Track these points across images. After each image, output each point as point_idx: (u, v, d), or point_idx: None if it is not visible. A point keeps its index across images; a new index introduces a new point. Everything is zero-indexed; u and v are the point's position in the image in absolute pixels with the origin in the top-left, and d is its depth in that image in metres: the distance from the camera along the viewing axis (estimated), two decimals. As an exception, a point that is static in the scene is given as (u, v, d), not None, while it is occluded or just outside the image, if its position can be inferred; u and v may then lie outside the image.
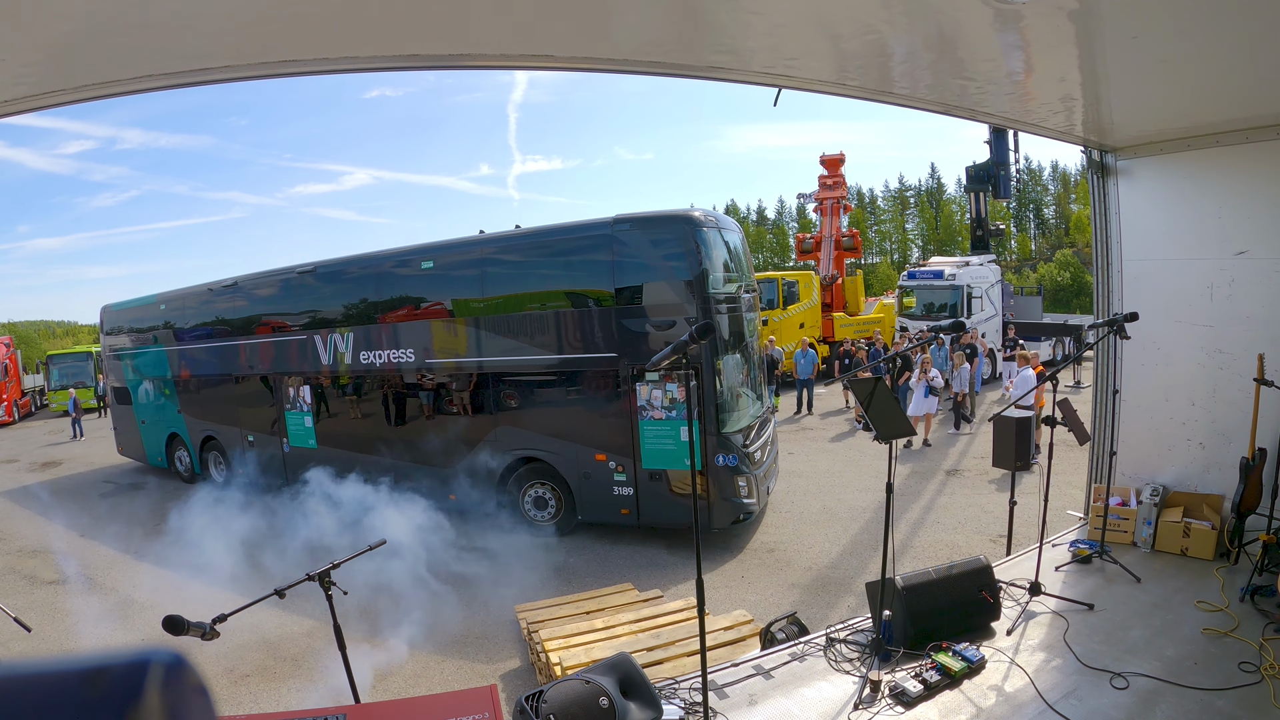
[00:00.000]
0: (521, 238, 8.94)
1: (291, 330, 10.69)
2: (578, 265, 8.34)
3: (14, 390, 26.16)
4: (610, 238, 7.96)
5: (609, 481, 8.19)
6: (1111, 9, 3.02)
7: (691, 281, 7.62)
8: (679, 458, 7.80)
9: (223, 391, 11.91)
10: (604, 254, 8.01)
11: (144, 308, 13.43)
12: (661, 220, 7.98)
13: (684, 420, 7.72)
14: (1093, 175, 5.87)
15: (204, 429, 12.34)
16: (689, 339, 3.01)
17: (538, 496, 8.80)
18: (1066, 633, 4.18)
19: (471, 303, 8.97)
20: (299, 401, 10.68)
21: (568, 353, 8.34)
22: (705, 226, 7.81)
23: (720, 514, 7.79)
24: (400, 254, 9.70)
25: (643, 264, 7.88)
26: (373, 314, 9.85)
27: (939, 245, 57.24)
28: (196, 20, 2.63)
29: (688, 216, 7.85)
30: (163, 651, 0.46)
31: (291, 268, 10.76)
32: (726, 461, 7.73)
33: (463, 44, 3.26)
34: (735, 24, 3.19)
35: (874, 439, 3.88)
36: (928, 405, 12.05)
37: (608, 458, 8.17)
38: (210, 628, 2.70)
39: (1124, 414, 5.92)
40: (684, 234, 7.68)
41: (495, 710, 2.73)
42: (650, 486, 8.01)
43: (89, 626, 6.89)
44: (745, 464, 7.83)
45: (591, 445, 8.28)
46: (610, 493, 8.19)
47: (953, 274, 19.55)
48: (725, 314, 7.89)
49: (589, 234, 8.27)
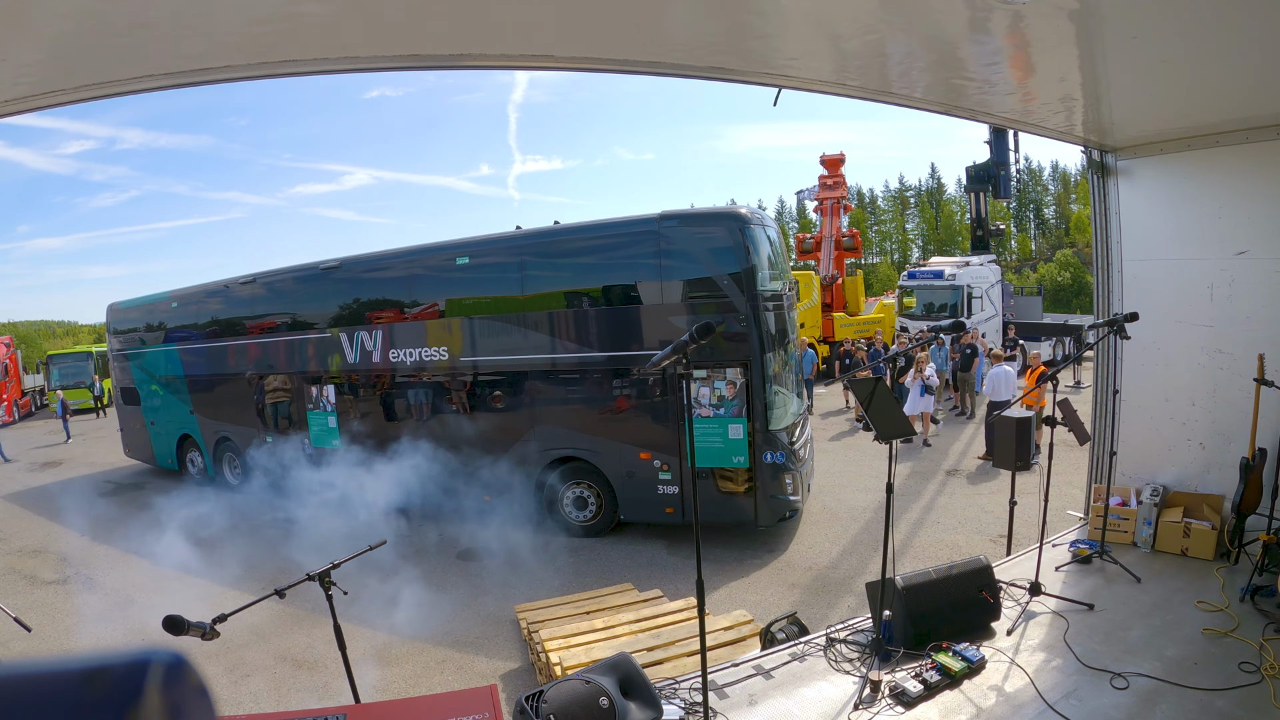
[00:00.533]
0: (563, 233, 8.87)
1: (315, 328, 10.47)
2: (622, 262, 8.28)
3: (14, 390, 26.16)
4: (656, 234, 7.94)
5: (653, 480, 8.14)
6: (1111, 9, 3.02)
7: (741, 278, 7.61)
8: (727, 455, 7.79)
9: (239, 391, 11.58)
10: (650, 251, 7.98)
11: (154, 306, 13.13)
12: (710, 217, 8.01)
13: (732, 418, 7.73)
14: (1093, 175, 5.87)
15: (219, 430, 12.02)
16: (689, 339, 3.01)
17: (577, 496, 8.72)
18: (1066, 633, 4.18)
19: (510, 299, 8.85)
20: (322, 401, 10.45)
21: (612, 350, 8.29)
22: (753, 223, 7.84)
23: (767, 511, 7.79)
24: (434, 249, 9.55)
25: (691, 261, 7.85)
26: (404, 311, 9.65)
27: (939, 245, 57.23)
28: (196, 20, 2.63)
29: (736, 213, 7.88)
30: (163, 651, 0.46)
31: (315, 264, 10.51)
32: (774, 459, 7.71)
33: (463, 44, 3.26)
34: (736, 26, 3.19)
35: (874, 439, 3.88)
36: (923, 404, 12.06)
37: (653, 456, 8.12)
38: (210, 628, 2.70)
39: (1124, 414, 5.92)
40: (733, 231, 7.68)
41: (495, 710, 2.74)
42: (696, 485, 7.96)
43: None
44: (791, 461, 7.83)
45: (636, 444, 8.23)
46: (654, 492, 8.14)
47: (953, 274, 19.56)
48: (772, 311, 7.88)
49: (634, 230, 8.23)
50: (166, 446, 13.24)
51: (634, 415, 8.29)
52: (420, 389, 9.69)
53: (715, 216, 7.97)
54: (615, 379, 8.34)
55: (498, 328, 8.96)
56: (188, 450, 12.89)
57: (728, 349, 7.66)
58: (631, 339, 8.15)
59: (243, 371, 11.50)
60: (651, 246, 7.96)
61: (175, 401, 12.79)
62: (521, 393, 8.93)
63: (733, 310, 7.63)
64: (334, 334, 10.18)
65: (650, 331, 8.02)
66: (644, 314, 8.07)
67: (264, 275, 11.30)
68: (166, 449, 13.26)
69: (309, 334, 10.56)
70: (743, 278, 7.61)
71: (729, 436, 7.75)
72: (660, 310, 7.96)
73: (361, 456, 9.56)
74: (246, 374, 11.46)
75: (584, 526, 8.70)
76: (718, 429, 7.78)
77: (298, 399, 10.80)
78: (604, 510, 8.64)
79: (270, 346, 11.10)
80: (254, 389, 11.41)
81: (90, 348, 30.63)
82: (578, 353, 8.46)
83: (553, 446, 8.73)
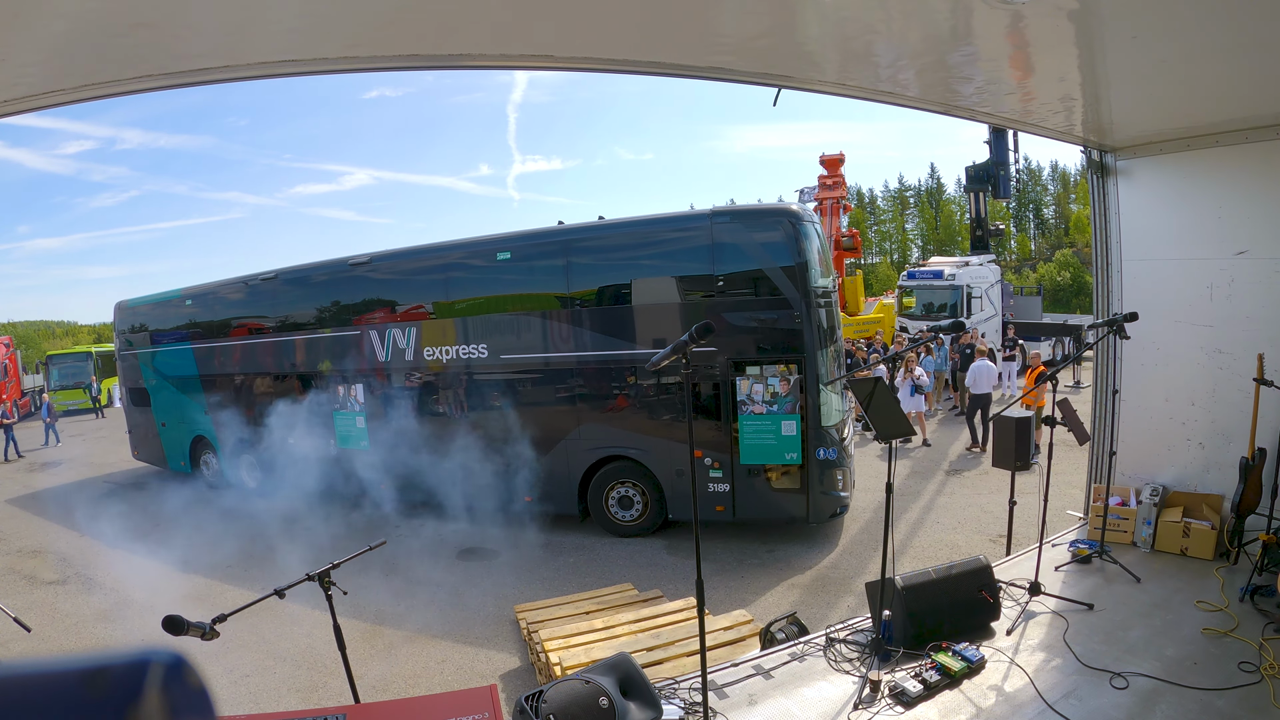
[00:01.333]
0: (610, 229, 8.84)
1: (342, 326, 10.20)
2: (672, 258, 8.24)
3: (14, 390, 26.13)
4: (709, 231, 7.92)
5: (704, 479, 8.11)
6: (1111, 9, 3.02)
7: (795, 275, 7.62)
8: (779, 453, 7.78)
9: (259, 391, 11.18)
10: (701, 247, 7.96)
11: (166, 304, 12.74)
12: (764, 213, 8.05)
13: (785, 414, 7.72)
14: (1093, 175, 5.88)
15: (236, 431, 11.43)
16: (689, 339, 3.01)
17: (623, 496, 8.64)
18: (1066, 633, 4.18)
19: (555, 296, 8.73)
20: (349, 401, 10.17)
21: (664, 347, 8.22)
22: (805, 220, 7.87)
23: (819, 508, 7.79)
24: (472, 245, 9.44)
25: (744, 257, 7.83)
26: (440, 308, 9.46)
27: (939, 245, 57.21)
28: (196, 20, 2.63)
29: (791, 211, 7.92)
30: (163, 651, 0.46)
31: (343, 259, 10.27)
32: (826, 455, 7.71)
33: (463, 44, 3.26)
34: (734, 21, 3.19)
35: (874, 439, 3.88)
36: (913, 404, 12.10)
37: (704, 454, 8.08)
38: (210, 628, 2.70)
39: (1124, 414, 5.92)
40: (787, 228, 7.69)
41: (495, 710, 2.74)
42: (747, 482, 7.97)
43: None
44: (842, 457, 7.83)
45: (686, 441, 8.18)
46: (705, 490, 8.11)
47: (952, 274, 19.56)
48: (823, 307, 7.90)
49: (685, 227, 8.21)
50: (179, 448, 12.86)
51: (684, 412, 8.23)
52: (456, 388, 9.46)
53: (770, 213, 8.01)
54: (665, 376, 8.25)
55: (540, 324, 8.84)
56: (202, 452, 12.50)
57: (782, 345, 7.69)
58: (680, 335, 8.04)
59: (263, 370, 11.14)
60: (703, 243, 7.93)
61: (189, 402, 12.37)
62: (565, 391, 8.80)
63: (786, 307, 7.64)
64: (364, 331, 9.94)
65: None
66: (696, 310, 8.01)
67: (286, 271, 10.98)
68: (179, 451, 12.89)
69: (335, 331, 10.28)
70: (796, 274, 7.62)
71: (782, 433, 7.74)
72: (711, 307, 7.90)
73: (391, 458, 9.28)
74: (267, 373, 11.11)
75: (629, 526, 8.62)
76: (770, 426, 7.76)
77: (323, 399, 10.49)
78: (650, 510, 8.57)
79: (293, 345, 10.75)
80: (275, 389, 11.06)
81: (90, 348, 30.60)
82: (626, 349, 8.37)
83: (598, 445, 8.63)
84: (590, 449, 8.66)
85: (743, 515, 8.09)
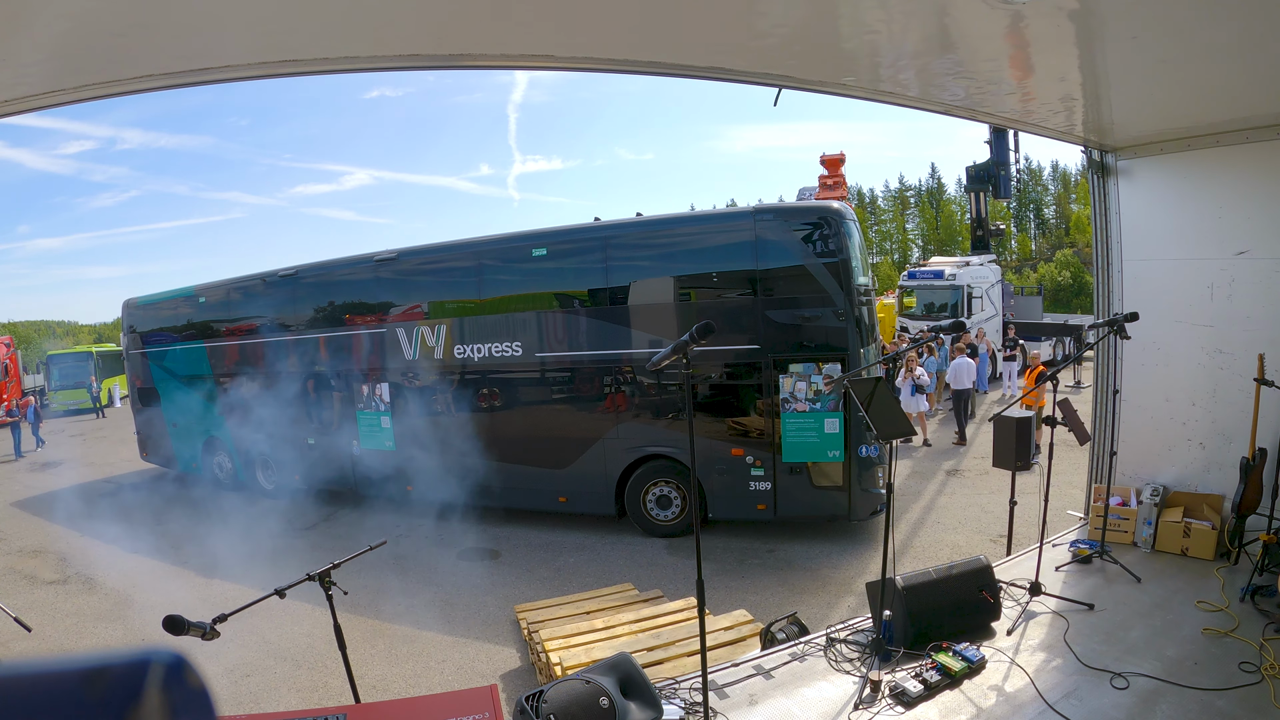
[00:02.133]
0: (651, 225, 8.80)
1: (366, 323, 9.99)
2: (715, 256, 8.21)
3: (14, 390, 26.12)
4: (752, 229, 7.90)
5: (745, 477, 8.07)
6: (1111, 9, 3.02)
7: (839, 273, 7.63)
8: (822, 450, 7.77)
9: (275, 391, 10.71)
10: (744, 245, 7.93)
11: (178, 301, 12.47)
12: (808, 212, 8.09)
13: (828, 412, 7.72)
14: (1093, 175, 5.87)
15: (251, 431, 10.94)
16: (689, 339, 3.01)
17: (661, 495, 8.56)
18: (1066, 633, 4.18)
19: (593, 292, 8.67)
20: (374, 400, 9.97)
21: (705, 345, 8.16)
22: (848, 219, 7.88)
23: (861, 505, 7.79)
24: (505, 241, 9.36)
25: (787, 256, 7.82)
26: (472, 305, 9.27)
27: (939, 245, 57.21)
28: (196, 20, 2.63)
29: (835, 209, 7.94)
30: (163, 651, 0.46)
31: (368, 255, 10.09)
32: (868, 452, 7.72)
33: (463, 44, 3.26)
34: (737, 24, 3.19)
35: (874, 439, 3.88)
36: (914, 404, 12.13)
37: (745, 452, 8.07)
38: (210, 628, 2.70)
39: (1124, 414, 5.92)
40: (833, 226, 7.70)
41: (495, 710, 2.73)
42: (789, 480, 7.96)
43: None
44: (883, 455, 7.82)
45: (727, 440, 8.16)
46: (746, 488, 8.08)
47: (953, 274, 19.55)
48: (865, 305, 7.92)
49: (728, 224, 8.21)
50: (190, 449, 12.52)
51: (726, 411, 8.22)
52: (487, 387, 9.26)
53: (814, 211, 8.04)
54: (706, 374, 8.22)
55: (577, 321, 8.78)
56: (214, 453, 12.19)
57: (825, 343, 7.70)
58: (726, 334, 7.98)
59: (281, 370, 10.83)
60: (746, 240, 7.91)
61: (202, 402, 12.03)
62: (602, 389, 8.71)
63: (830, 304, 7.65)
64: (389, 329, 9.75)
65: (746, 326, 7.93)
66: (739, 308, 7.98)
67: (307, 268, 10.77)
68: (190, 452, 12.49)
69: (359, 329, 10.08)
70: (840, 271, 7.63)
71: (824, 431, 7.72)
72: (754, 305, 7.90)
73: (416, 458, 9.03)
74: (285, 372, 10.79)
75: (667, 526, 8.55)
76: (813, 423, 7.75)
77: (345, 398, 10.29)
78: (687, 509, 8.51)
79: (314, 343, 10.50)
80: (294, 388, 10.69)
81: (90, 348, 30.60)
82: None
83: (637, 444, 8.55)
84: (628, 448, 8.54)
85: (784, 513, 8.06)
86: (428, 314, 9.57)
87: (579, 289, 8.79)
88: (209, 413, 11.93)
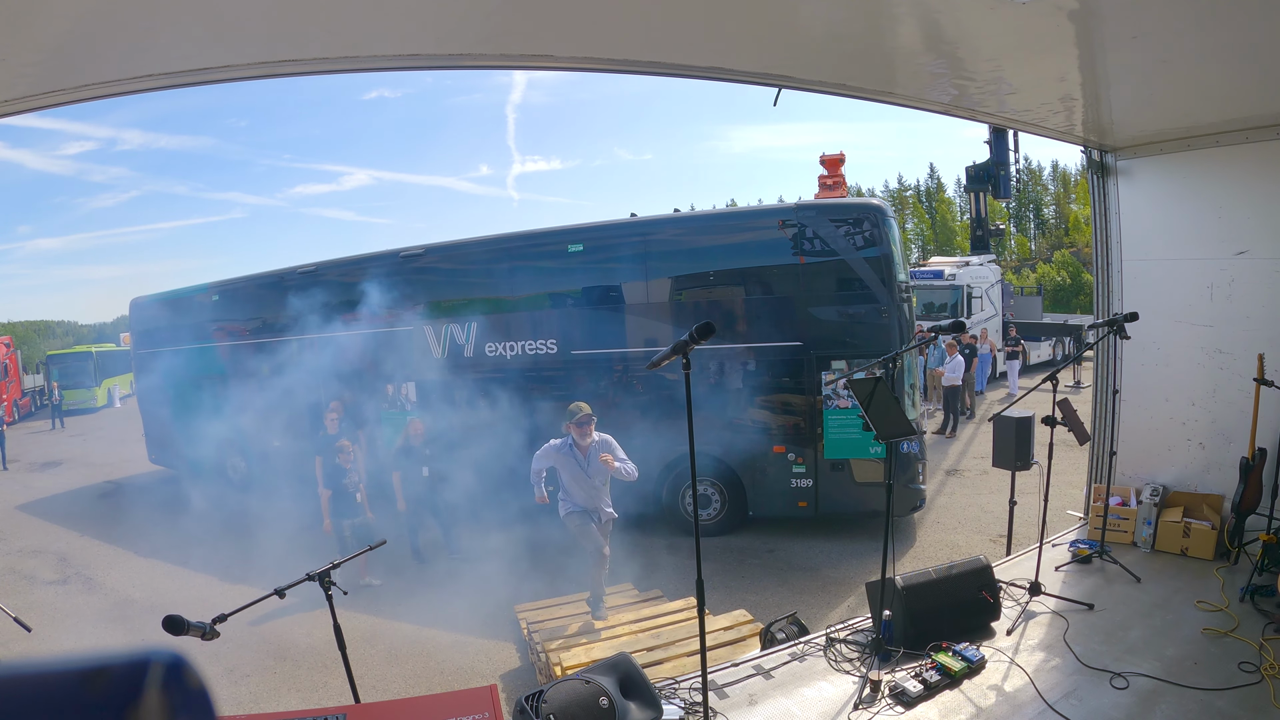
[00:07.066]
0: (691, 221, 8.79)
1: (391, 321, 9.59)
2: (756, 252, 8.18)
3: (14, 390, 26.13)
4: (795, 225, 7.89)
5: (786, 474, 8.02)
6: (1111, 9, 3.02)
7: (882, 269, 7.63)
8: (863, 446, 7.75)
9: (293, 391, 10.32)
10: (787, 242, 7.92)
11: (189, 299, 12.14)
12: (850, 208, 8.13)
13: None
14: (1093, 175, 5.88)
15: (265, 433, 10.70)
16: (689, 338, 3.01)
17: (700, 494, 8.40)
18: (1066, 633, 4.18)
19: (633, 289, 8.59)
20: (400, 401, 9.76)
21: (747, 342, 8.13)
22: (890, 216, 7.90)
23: (901, 501, 7.73)
24: (536, 236, 9.21)
25: (830, 252, 7.81)
26: (506, 302, 9.11)
27: (939, 246, 57.20)
28: (196, 20, 2.63)
29: (878, 206, 7.96)
30: (163, 651, 0.46)
31: (394, 251, 9.84)
32: (909, 448, 7.69)
33: (462, 44, 3.26)
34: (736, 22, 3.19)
35: (874, 439, 3.88)
36: None
37: (786, 449, 8.04)
38: (210, 628, 2.70)
39: (1124, 414, 5.92)
40: (876, 222, 7.68)
41: (495, 710, 2.73)
42: (831, 477, 7.92)
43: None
44: (922, 451, 7.86)
45: (768, 437, 8.15)
46: (787, 485, 8.03)
47: (953, 274, 19.55)
48: (906, 301, 7.91)
49: (769, 221, 8.14)
50: (202, 450, 11.99)
51: (766, 407, 8.19)
52: (519, 386, 8.96)
53: (857, 207, 8.05)
54: (748, 371, 8.14)
55: (614, 318, 8.67)
56: (228, 456, 11.82)
57: (867, 339, 7.67)
58: (768, 330, 7.97)
59: (299, 369, 10.38)
60: (789, 237, 7.90)
61: (215, 402, 11.57)
62: (641, 387, 8.57)
63: (872, 300, 7.65)
64: (416, 327, 9.52)
65: (789, 322, 7.90)
66: (782, 305, 7.95)
67: (326, 265, 10.52)
68: (202, 454, 12.06)
69: (383, 328, 9.76)
70: (882, 267, 7.64)
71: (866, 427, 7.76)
72: (796, 302, 7.88)
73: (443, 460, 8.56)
74: (303, 372, 10.36)
75: (707, 525, 8.37)
76: (855, 419, 7.71)
77: (369, 399, 10.01)
78: (728, 507, 8.46)
79: (334, 342, 10.13)
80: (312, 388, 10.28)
81: (90, 348, 30.58)
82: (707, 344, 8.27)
83: (675, 442, 8.24)
84: (666, 446, 8.26)
85: (825, 510, 8.04)
86: (457, 312, 9.40)
87: (616, 284, 8.66)
88: (222, 413, 11.42)
